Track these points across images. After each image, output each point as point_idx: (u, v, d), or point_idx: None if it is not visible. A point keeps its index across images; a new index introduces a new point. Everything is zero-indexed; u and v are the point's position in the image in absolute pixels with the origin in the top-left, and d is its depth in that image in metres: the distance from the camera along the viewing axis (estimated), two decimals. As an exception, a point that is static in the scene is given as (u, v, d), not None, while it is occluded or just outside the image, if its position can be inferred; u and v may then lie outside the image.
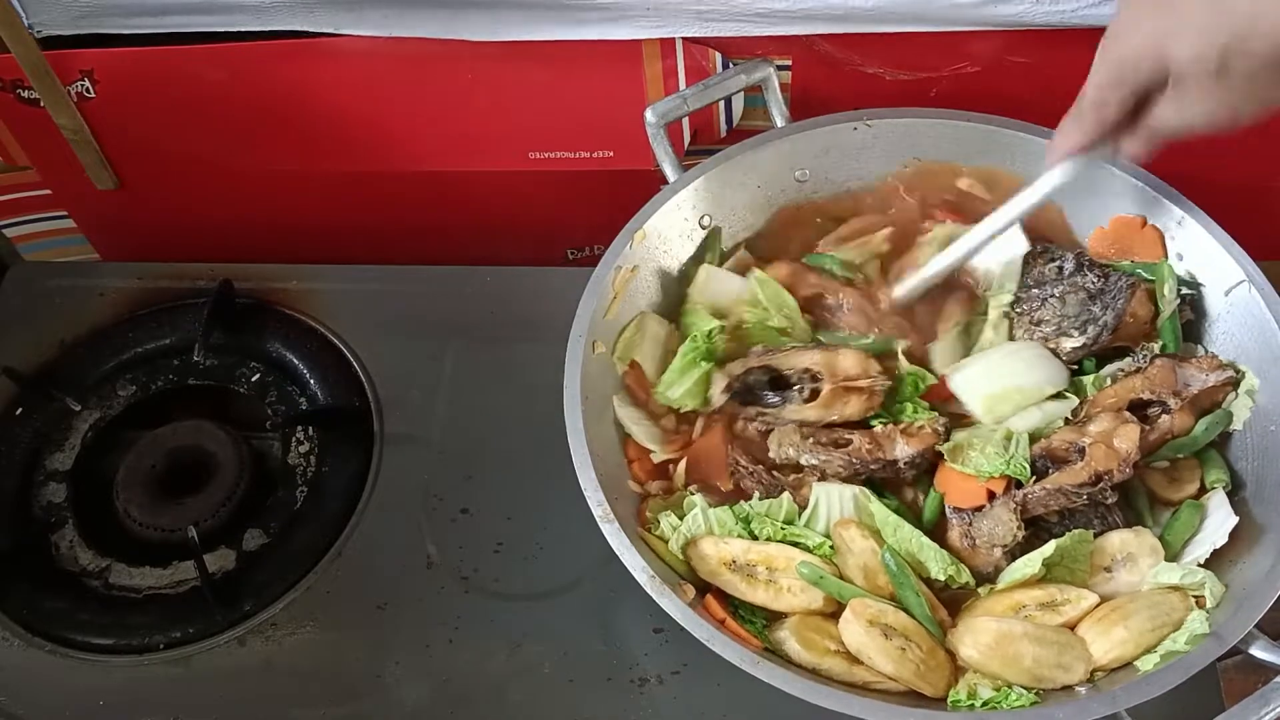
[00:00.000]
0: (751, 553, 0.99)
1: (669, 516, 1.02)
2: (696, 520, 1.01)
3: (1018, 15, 1.16)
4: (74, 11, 1.22)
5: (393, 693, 1.10)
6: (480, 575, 1.16)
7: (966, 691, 0.93)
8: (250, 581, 1.17)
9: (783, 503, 1.02)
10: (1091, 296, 1.10)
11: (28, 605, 1.16)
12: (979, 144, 1.17)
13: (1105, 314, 1.09)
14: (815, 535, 1.00)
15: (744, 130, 1.29)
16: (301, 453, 1.26)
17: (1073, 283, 1.11)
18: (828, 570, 0.98)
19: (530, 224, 1.47)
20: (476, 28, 1.22)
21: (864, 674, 0.94)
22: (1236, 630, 0.89)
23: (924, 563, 0.99)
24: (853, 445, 1.03)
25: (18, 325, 1.37)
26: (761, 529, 1.01)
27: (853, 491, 1.02)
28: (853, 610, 0.94)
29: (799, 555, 0.98)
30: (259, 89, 1.31)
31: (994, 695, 0.92)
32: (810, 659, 0.94)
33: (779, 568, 0.98)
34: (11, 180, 1.44)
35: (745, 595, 0.98)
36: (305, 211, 1.47)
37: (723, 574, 0.99)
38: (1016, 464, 1.00)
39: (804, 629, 0.96)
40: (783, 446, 1.04)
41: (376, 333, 1.34)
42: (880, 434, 1.04)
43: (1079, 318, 1.10)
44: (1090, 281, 1.11)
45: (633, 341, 1.12)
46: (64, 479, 1.25)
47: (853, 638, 0.94)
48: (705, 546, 1.00)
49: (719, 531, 1.01)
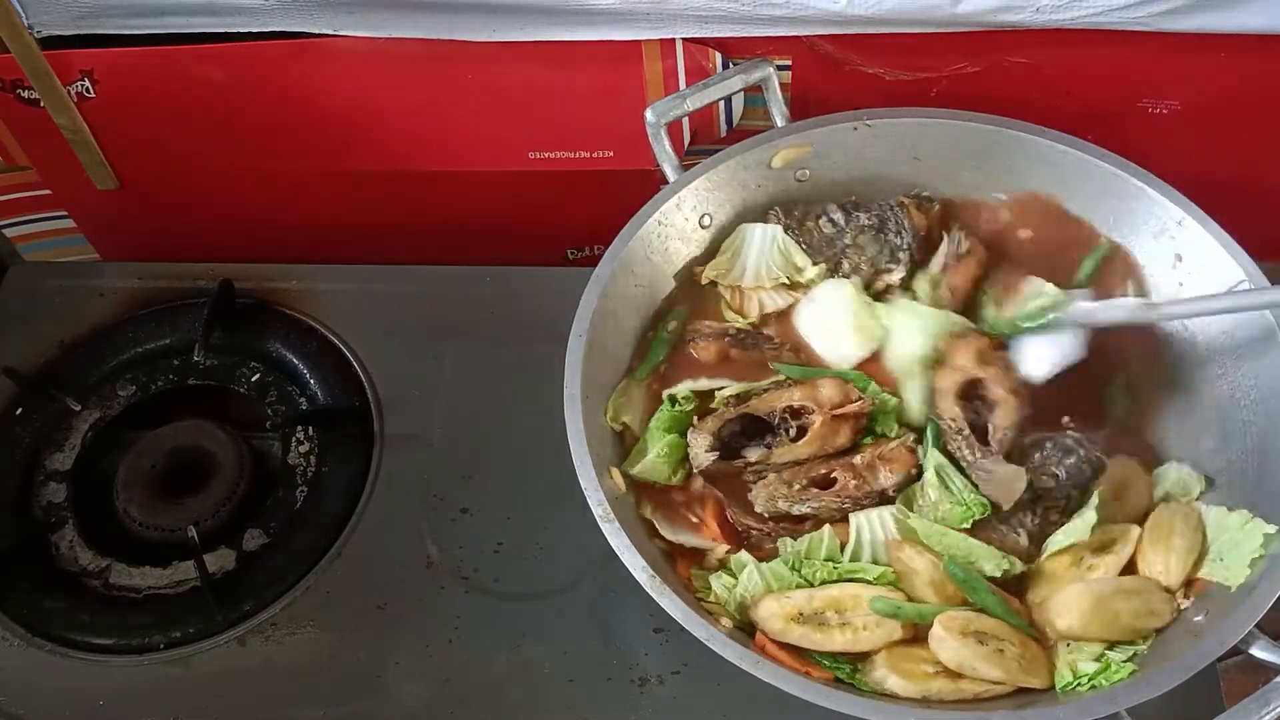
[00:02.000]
0: (815, 600, 0.96)
1: (720, 578, 1.00)
2: (752, 578, 0.98)
3: (1019, 23, 1.16)
4: (74, 11, 1.22)
5: (393, 693, 1.10)
6: (480, 575, 1.16)
7: (1071, 672, 0.93)
8: (250, 581, 1.17)
9: (823, 538, 1.00)
10: (878, 231, 1.14)
11: (28, 605, 1.16)
12: (979, 144, 1.17)
13: (902, 236, 1.13)
14: (870, 566, 0.98)
15: (744, 130, 1.28)
16: (301, 453, 1.26)
17: (855, 227, 1.14)
18: (898, 597, 0.96)
19: (530, 224, 1.47)
20: (476, 28, 1.22)
21: (970, 686, 0.92)
22: (1236, 630, 0.89)
23: (977, 563, 0.98)
24: (839, 484, 1.01)
25: (18, 325, 1.37)
26: (814, 573, 0.98)
27: (889, 512, 1.00)
28: (943, 626, 0.93)
29: (864, 590, 0.97)
30: (259, 89, 1.31)
31: (1096, 669, 0.92)
32: (916, 689, 0.92)
33: (848, 608, 0.96)
34: (11, 180, 1.44)
35: (824, 645, 0.95)
36: (305, 211, 1.47)
37: (793, 630, 0.95)
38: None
39: (897, 661, 0.94)
40: (772, 500, 1.02)
41: (376, 333, 1.34)
42: (861, 467, 1.02)
43: (883, 252, 1.13)
44: (866, 220, 1.14)
45: (621, 404, 1.10)
46: (64, 479, 1.25)
47: (950, 653, 0.92)
48: (768, 607, 0.97)
49: (777, 586, 0.98)
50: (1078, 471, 1.02)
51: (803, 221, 1.17)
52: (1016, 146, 1.16)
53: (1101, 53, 1.22)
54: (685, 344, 1.13)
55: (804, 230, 1.16)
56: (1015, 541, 1.00)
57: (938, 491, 1.00)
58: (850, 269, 1.15)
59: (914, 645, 0.96)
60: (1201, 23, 1.14)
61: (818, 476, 1.02)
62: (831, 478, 1.02)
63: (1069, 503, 1.02)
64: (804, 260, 1.15)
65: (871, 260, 1.14)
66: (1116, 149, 1.12)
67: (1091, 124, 1.16)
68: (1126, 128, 1.27)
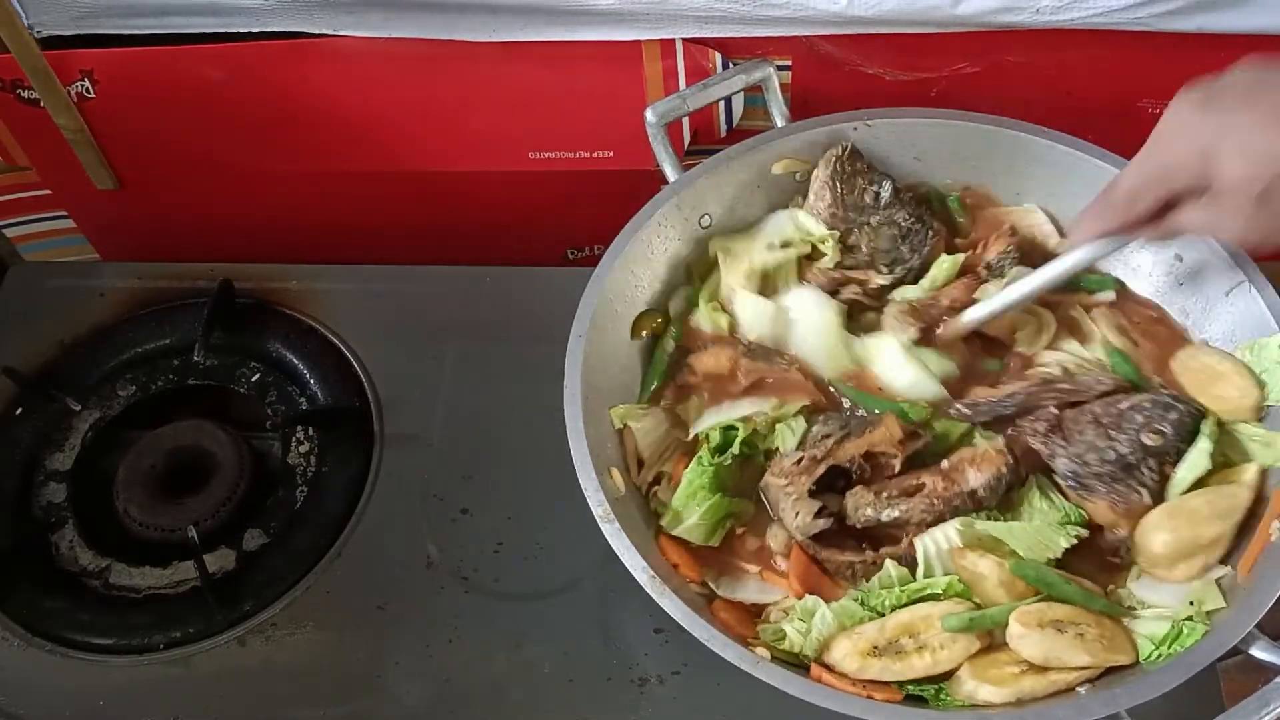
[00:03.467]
0: (888, 629, 0.94)
1: (791, 622, 0.96)
2: (825, 619, 0.96)
3: (1019, 24, 1.16)
4: (74, 11, 1.22)
5: (393, 693, 1.10)
6: (480, 575, 1.16)
7: (1150, 643, 0.92)
8: (250, 581, 1.17)
9: (890, 569, 0.98)
10: (902, 235, 1.12)
11: (28, 605, 1.16)
12: (979, 144, 1.17)
13: (912, 258, 1.11)
14: (938, 579, 0.97)
15: (744, 130, 1.29)
16: (301, 453, 1.26)
17: (887, 215, 1.12)
18: (967, 608, 0.95)
19: (530, 224, 1.47)
20: (476, 28, 1.22)
21: (1060, 677, 0.91)
22: (1236, 630, 0.89)
23: (1048, 545, 0.96)
24: (926, 488, 0.99)
25: (18, 325, 1.37)
26: (881, 601, 0.96)
27: (953, 526, 0.98)
28: (1020, 624, 0.91)
29: (935, 608, 0.95)
30: (259, 89, 1.31)
31: (1169, 630, 0.92)
32: (1009, 692, 0.90)
33: (921, 630, 0.94)
34: (11, 180, 1.44)
35: (906, 674, 0.92)
36: (305, 211, 1.47)
37: (871, 665, 0.92)
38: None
39: (983, 670, 0.92)
40: (859, 510, 0.99)
41: (376, 333, 1.34)
42: (949, 470, 1.00)
43: (889, 254, 1.11)
44: (903, 217, 1.12)
45: (629, 412, 1.09)
46: (64, 479, 1.25)
47: (1034, 648, 0.91)
48: (841, 647, 0.94)
49: (849, 624, 0.96)
50: (1182, 425, 1.00)
51: (854, 174, 1.13)
52: (1016, 146, 1.16)
53: (1101, 53, 1.22)
54: (687, 359, 1.12)
55: (850, 182, 1.12)
56: (1138, 500, 0.98)
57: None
58: (854, 243, 1.12)
59: (994, 651, 0.94)
60: (1201, 23, 1.14)
61: (908, 486, 1.01)
62: (919, 484, 1.00)
63: (1178, 455, 1.00)
64: (813, 223, 1.13)
65: (874, 252, 1.13)
66: (1116, 149, 1.12)
67: (1091, 124, 1.16)
68: (1126, 128, 1.26)
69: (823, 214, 1.13)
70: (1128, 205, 0.97)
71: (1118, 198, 0.98)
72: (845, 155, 1.14)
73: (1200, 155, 0.89)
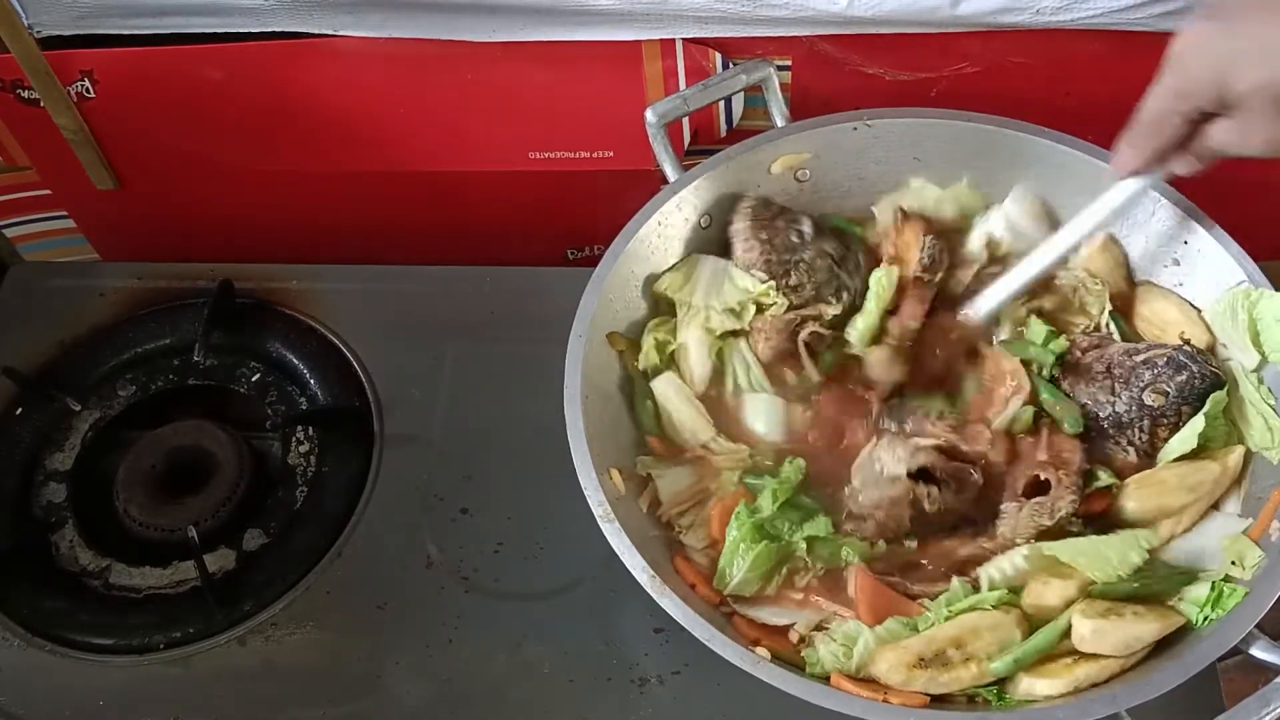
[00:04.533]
0: (935, 641, 0.93)
1: (828, 643, 0.95)
2: (867, 641, 0.95)
3: (1019, 24, 1.16)
4: (74, 11, 1.22)
5: (393, 693, 1.10)
6: (480, 575, 1.16)
7: (1195, 605, 0.93)
8: (250, 581, 1.17)
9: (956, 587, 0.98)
10: (838, 261, 1.13)
11: (28, 605, 1.16)
12: (979, 144, 1.17)
13: (854, 279, 1.13)
14: (987, 595, 0.96)
15: (744, 130, 1.29)
16: (301, 453, 1.26)
17: (817, 247, 1.13)
18: (1014, 619, 0.94)
19: (530, 224, 1.47)
20: (476, 28, 1.22)
21: (1113, 663, 0.91)
22: (1236, 630, 0.89)
23: (1115, 560, 0.95)
24: (1052, 485, 0.99)
25: (18, 325, 1.37)
26: (929, 625, 0.95)
27: (1021, 554, 0.97)
28: (1086, 620, 0.91)
29: (982, 618, 0.94)
30: (259, 89, 1.32)
31: (1210, 594, 0.92)
32: (1065, 683, 0.90)
33: (968, 641, 0.93)
34: (11, 180, 1.44)
35: (953, 686, 0.92)
36: (305, 211, 1.47)
37: (917, 677, 0.91)
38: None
39: (1038, 667, 0.92)
40: (1030, 522, 0.99)
41: (376, 333, 1.34)
42: (1050, 459, 1.00)
43: (831, 283, 1.13)
44: (832, 246, 1.14)
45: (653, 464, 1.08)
46: (64, 479, 1.25)
47: (1110, 640, 0.91)
48: (886, 659, 0.92)
49: (889, 640, 0.95)
50: (1188, 388, 1.00)
51: (773, 218, 1.14)
52: (1016, 146, 1.16)
53: (1101, 53, 1.22)
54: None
55: (772, 228, 1.13)
56: (1124, 458, 1.01)
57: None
58: (796, 282, 1.12)
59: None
60: (1201, 23, 1.14)
61: (1028, 488, 1.00)
62: (1043, 481, 0.99)
63: (1180, 419, 1.00)
64: (751, 282, 1.12)
65: (817, 285, 1.12)
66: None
67: (1091, 124, 1.16)
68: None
69: (756, 264, 1.12)
70: (1156, 131, 0.95)
71: (1143, 125, 0.96)
72: (758, 204, 1.15)
73: (1217, 70, 0.87)
